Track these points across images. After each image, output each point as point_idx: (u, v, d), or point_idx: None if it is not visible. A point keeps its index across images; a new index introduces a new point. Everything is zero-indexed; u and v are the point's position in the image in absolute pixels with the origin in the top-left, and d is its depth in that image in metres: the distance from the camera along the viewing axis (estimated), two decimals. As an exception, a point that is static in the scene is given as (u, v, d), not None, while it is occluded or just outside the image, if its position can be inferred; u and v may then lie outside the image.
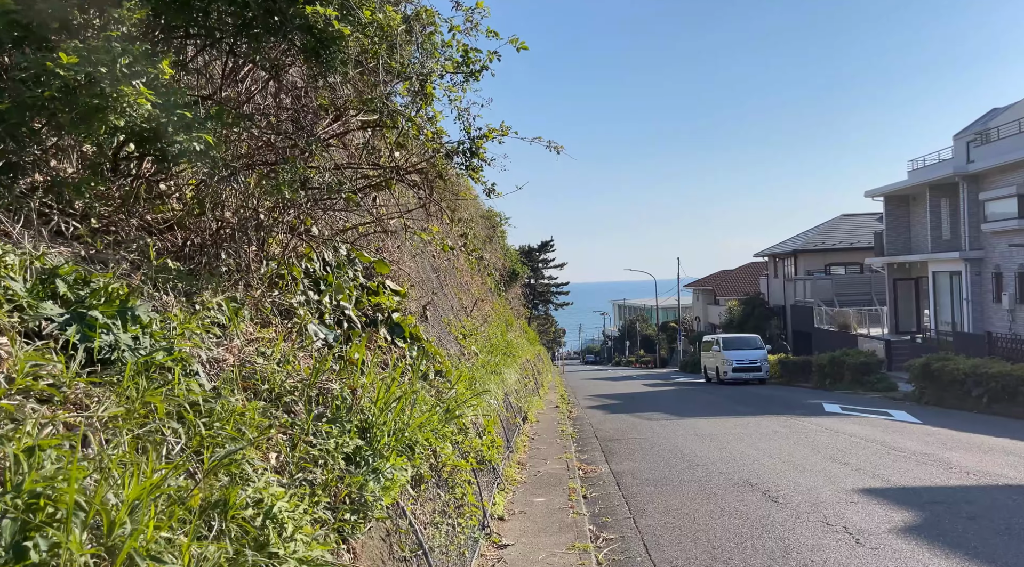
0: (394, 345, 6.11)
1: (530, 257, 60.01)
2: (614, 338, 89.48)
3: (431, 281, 10.57)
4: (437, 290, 11.10)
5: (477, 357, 9.87)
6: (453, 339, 9.23)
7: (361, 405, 3.32)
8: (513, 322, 24.14)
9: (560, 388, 28.70)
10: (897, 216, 32.00)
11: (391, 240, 8.02)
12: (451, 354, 8.03)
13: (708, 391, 24.75)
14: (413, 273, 9.08)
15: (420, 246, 10.46)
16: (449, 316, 10.52)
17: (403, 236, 9.24)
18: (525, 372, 18.48)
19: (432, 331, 7.94)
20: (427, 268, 10.72)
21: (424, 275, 10.26)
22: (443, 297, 11.10)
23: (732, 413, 16.07)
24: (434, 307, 9.78)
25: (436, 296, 10.77)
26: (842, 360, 23.28)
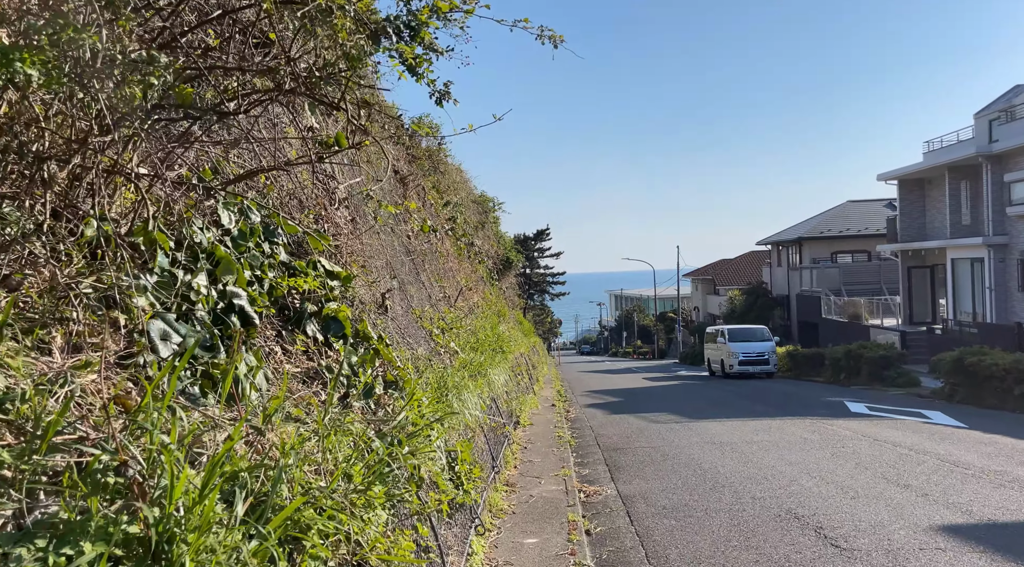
0: (327, 348, 4.42)
1: (525, 246, 58.31)
2: (611, 328, 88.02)
3: (403, 266, 8.87)
4: (411, 277, 9.41)
5: (457, 356, 8.18)
6: (427, 335, 7.53)
7: (155, 496, 1.63)
8: (506, 313, 22.44)
9: (556, 382, 27.07)
10: (912, 201, 30.35)
11: (343, 210, 6.32)
12: (418, 355, 6.34)
13: (715, 386, 23.13)
14: (376, 254, 7.38)
15: (389, 223, 8.75)
16: (425, 307, 8.82)
17: (366, 208, 7.53)
18: (518, 368, 16.82)
19: (395, 326, 6.25)
20: (398, 250, 9.02)
21: (394, 258, 8.57)
22: (419, 285, 9.40)
23: (748, 414, 14.42)
24: (404, 296, 8.09)
25: (409, 284, 9.09)
26: (859, 353, 21.66)
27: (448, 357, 7.93)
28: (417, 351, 6.38)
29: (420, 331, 7.36)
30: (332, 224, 5.64)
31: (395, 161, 12.26)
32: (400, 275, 8.46)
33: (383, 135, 10.75)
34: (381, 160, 10.57)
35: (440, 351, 7.64)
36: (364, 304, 5.56)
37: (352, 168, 7.83)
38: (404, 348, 6.02)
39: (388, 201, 10.08)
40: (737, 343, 27.88)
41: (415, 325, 7.32)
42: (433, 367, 6.38)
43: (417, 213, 11.88)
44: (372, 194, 7.74)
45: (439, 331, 8.15)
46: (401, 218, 10.31)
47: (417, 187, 12.86)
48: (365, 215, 7.41)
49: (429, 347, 7.21)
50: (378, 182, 9.47)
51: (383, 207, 7.87)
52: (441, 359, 7.51)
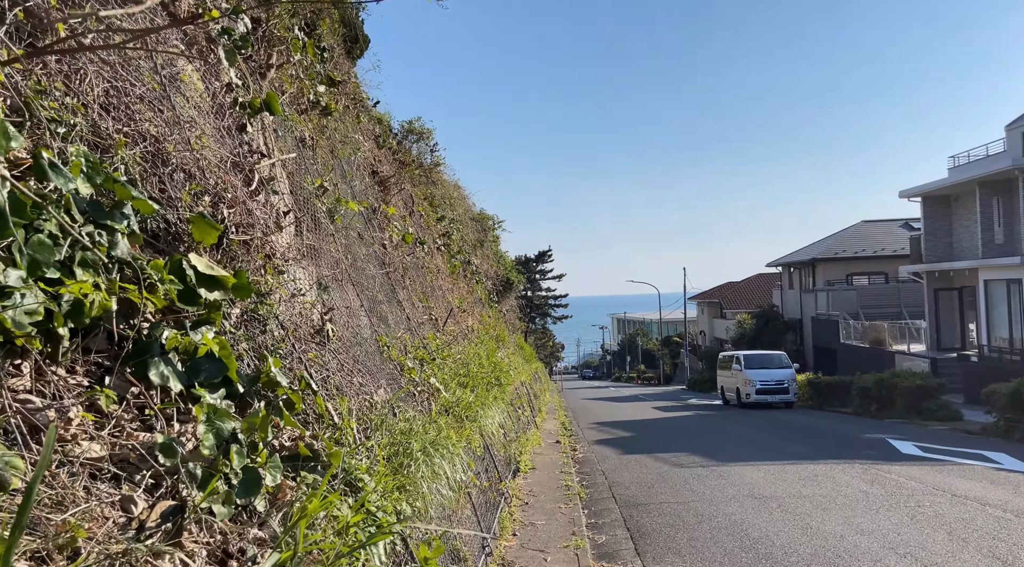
0: (187, 402, 2.59)
1: (527, 268, 56.62)
2: (613, 352, 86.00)
3: (373, 280, 7.05)
4: (386, 294, 7.59)
5: (439, 395, 6.33)
6: (394, 370, 5.68)
7: None
8: (506, 338, 20.57)
9: (560, 412, 25.13)
10: (937, 218, 28.56)
11: (271, 198, 4.52)
12: (377, 402, 4.49)
13: (734, 419, 21.18)
14: (328, 263, 5.57)
15: (355, 226, 6.93)
16: (401, 332, 6.99)
17: (317, 204, 5.73)
18: (518, 401, 14.93)
19: (343, 360, 4.42)
20: (368, 261, 7.21)
21: (358, 270, 6.76)
22: (394, 306, 7.57)
23: (783, 455, 12.50)
24: (374, 318, 6.27)
25: (382, 303, 7.27)
26: (892, 383, 19.74)
27: (427, 398, 6.09)
28: (375, 396, 4.53)
29: (385, 365, 5.51)
30: (245, 212, 3.83)
31: (374, 160, 10.50)
32: (368, 292, 6.64)
33: (355, 120, 9.01)
34: (359, 156, 8.81)
35: (416, 391, 5.79)
36: (288, 330, 3.74)
37: (303, 152, 6.05)
38: (354, 393, 4.18)
39: (359, 195, 8.29)
40: (754, 370, 25.97)
41: (377, 355, 5.48)
42: (399, 418, 4.54)
43: (400, 221, 10.09)
44: (329, 187, 5.94)
45: (416, 363, 6.30)
46: (377, 224, 8.52)
47: (401, 192, 11.08)
48: (315, 211, 5.61)
49: (397, 386, 5.36)
50: (346, 178, 7.70)
51: (343, 203, 6.07)
52: (416, 402, 5.67)
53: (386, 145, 13.17)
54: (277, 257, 4.01)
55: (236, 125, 4.45)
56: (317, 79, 6.83)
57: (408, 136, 15.96)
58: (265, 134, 5.00)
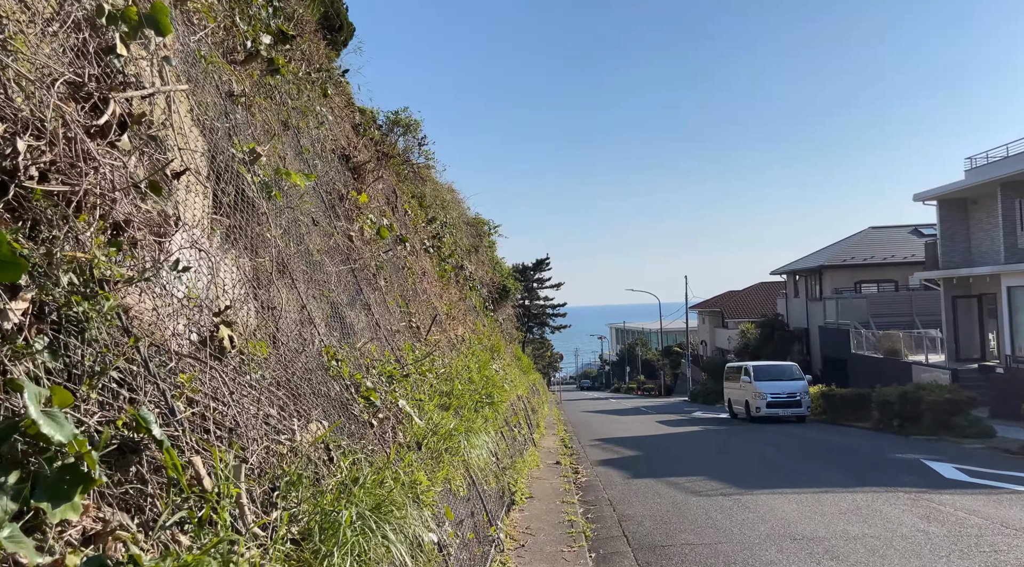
0: None
1: (524, 276, 55.26)
2: (612, 363, 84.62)
3: (331, 277, 5.67)
4: (351, 295, 6.21)
5: (410, 422, 4.94)
6: (344, 392, 4.28)
7: None
8: (501, 348, 19.15)
9: (559, 427, 23.70)
10: (954, 222, 27.26)
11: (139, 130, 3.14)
12: (294, 446, 3.09)
13: (746, 435, 19.76)
14: (257, 250, 4.20)
15: (303, 207, 5.55)
16: (365, 342, 5.61)
17: (243, 171, 4.35)
18: (515, 417, 13.52)
19: (241, 382, 3.04)
20: (328, 255, 5.83)
21: (313, 264, 5.38)
22: (359, 309, 6.18)
23: (813, 481, 11.09)
24: (332, 323, 4.89)
25: (346, 306, 5.90)
26: (917, 396, 18.34)
27: (392, 428, 4.69)
28: (300, 434, 3.13)
29: (335, 386, 4.12)
30: (76, 156, 2.43)
31: (349, 146, 9.14)
32: (321, 290, 5.26)
33: (320, 92, 7.64)
34: (325, 136, 7.43)
35: (376, 419, 4.39)
36: (143, 337, 2.35)
37: (233, 109, 4.67)
38: (257, 435, 2.79)
39: (324, 187, 6.92)
40: (764, 382, 24.56)
41: (323, 375, 4.08)
42: (335, 467, 3.14)
43: (377, 214, 8.72)
44: (265, 155, 4.55)
45: (380, 382, 4.91)
46: (343, 213, 7.14)
47: (381, 182, 9.71)
48: (240, 183, 4.23)
49: (345, 415, 3.96)
50: (303, 156, 6.31)
51: (285, 176, 4.69)
52: (376, 436, 4.28)
53: (367, 134, 11.82)
54: (138, 228, 2.62)
55: (102, 46, 3.08)
56: (260, 27, 5.47)
57: (394, 128, 14.60)
58: (161, 71, 3.62)
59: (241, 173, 4.22)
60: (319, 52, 8.65)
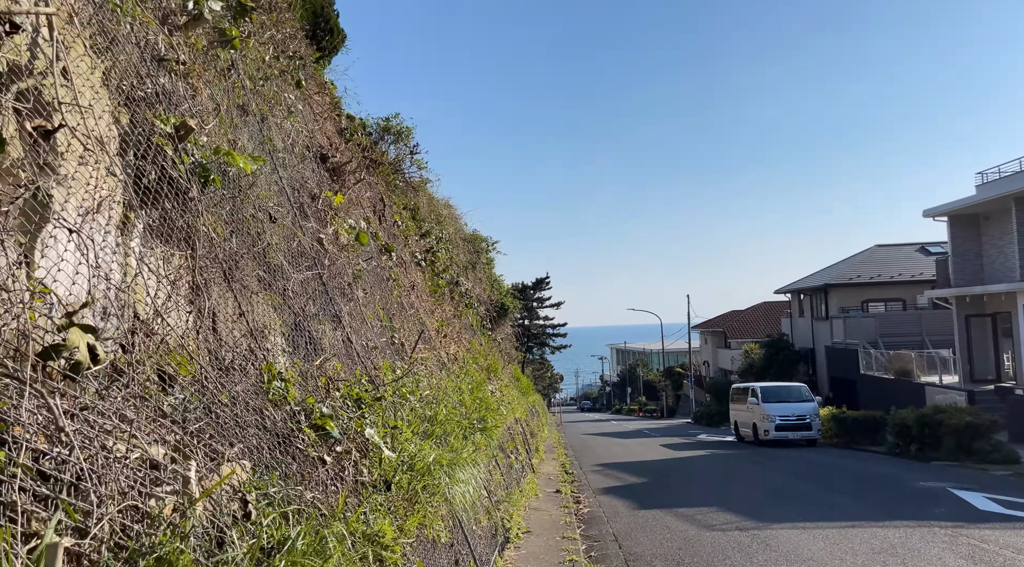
0: None
1: (524, 295, 54.38)
2: (613, 384, 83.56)
3: (291, 283, 4.84)
4: (321, 306, 5.38)
5: (379, 456, 4.09)
6: (287, 421, 3.42)
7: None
8: (499, 368, 18.25)
9: (559, 451, 22.76)
10: (966, 239, 26.46)
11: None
12: (188, 495, 2.26)
13: (756, 460, 18.81)
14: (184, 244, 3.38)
15: (263, 201, 4.73)
16: (327, 360, 4.77)
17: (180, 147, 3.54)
18: (511, 443, 12.64)
19: (110, 409, 2.21)
20: (291, 258, 5.00)
21: (271, 269, 4.56)
22: (328, 322, 5.35)
23: (837, 513, 10.18)
24: (293, 336, 4.07)
25: (314, 318, 5.08)
26: (937, 419, 17.41)
27: (353, 465, 3.83)
28: (196, 485, 2.28)
29: (276, 414, 3.27)
30: None
31: (329, 146, 8.35)
32: (281, 297, 4.43)
33: (291, 80, 6.86)
34: (296, 130, 6.64)
35: (328, 457, 3.53)
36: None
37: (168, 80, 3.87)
38: (113, 489, 1.95)
39: (292, 184, 6.11)
40: (772, 404, 23.63)
41: (263, 399, 3.24)
42: (256, 521, 2.29)
43: (357, 219, 7.90)
44: (195, 126, 3.74)
45: (340, 409, 4.06)
46: (314, 214, 6.33)
47: (362, 186, 8.91)
48: (164, 161, 3.42)
49: (284, 452, 3.12)
50: (265, 147, 5.51)
51: (226, 156, 3.88)
52: (329, 476, 3.42)
53: (353, 139, 11.06)
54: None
55: None
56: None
57: (384, 136, 13.85)
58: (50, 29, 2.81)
59: (165, 150, 3.41)
60: (296, 41, 7.88)
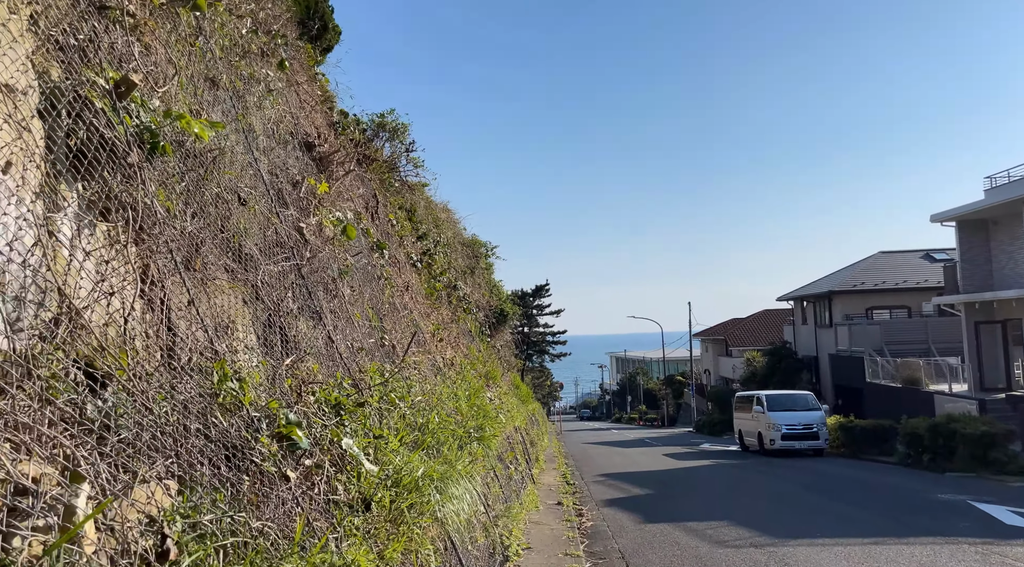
0: None
1: (524, 303, 53.81)
2: (613, 392, 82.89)
3: (263, 273, 4.30)
4: (301, 302, 4.84)
5: (358, 470, 3.54)
6: (241, 432, 2.87)
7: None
8: (498, 375, 17.69)
9: (560, 460, 22.17)
10: (974, 245, 25.93)
11: None
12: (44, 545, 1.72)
13: (764, 470, 18.21)
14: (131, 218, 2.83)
15: (226, 178, 4.19)
16: (293, 359, 4.22)
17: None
18: (511, 453, 12.06)
19: None
20: (264, 247, 4.46)
21: (240, 256, 4.02)
22: (306, 319, 4.80)
23: (855, 527, 9.60)
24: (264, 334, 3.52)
25: (294, 315, 4.55)
26: (950, 429, 16.85)
27: (330, 480, 3.27)
28: (78, 518, 1.74)
29: (225, 422, 2.72)
30: None
31: (318, 135, 7.81)
32: (246, 287, 3.90)
33: (270, 56, 6.34)
34: (277, 114, 6.11)
35: (292, 472, 2.97)
36: None
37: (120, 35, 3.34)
38: None
39: (269, 166, 5.57)
40: (778, 412, 23.04)
41: (215, 403, 2.68)
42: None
43: (345, 212, 7.35)
44: (138, 81, 3.20)
45: (313, 415, 3.50)
46: (295, 202, 5.79)
47: (349, 177, 8.37)
48: (99, 124, 2.87)
49: (232, 468, 2.56)
50: (238, 124, 4.97)
51: (183, 123, 3.33)
52: (293, 497, 2.86)
53: (345, 133, 10.55)
54: None
55: None
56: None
57: (379, 133, 13.32)
58: None
59: (99, 107, 2.86)
60: (281, 23, 7.35)
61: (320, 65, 11.24)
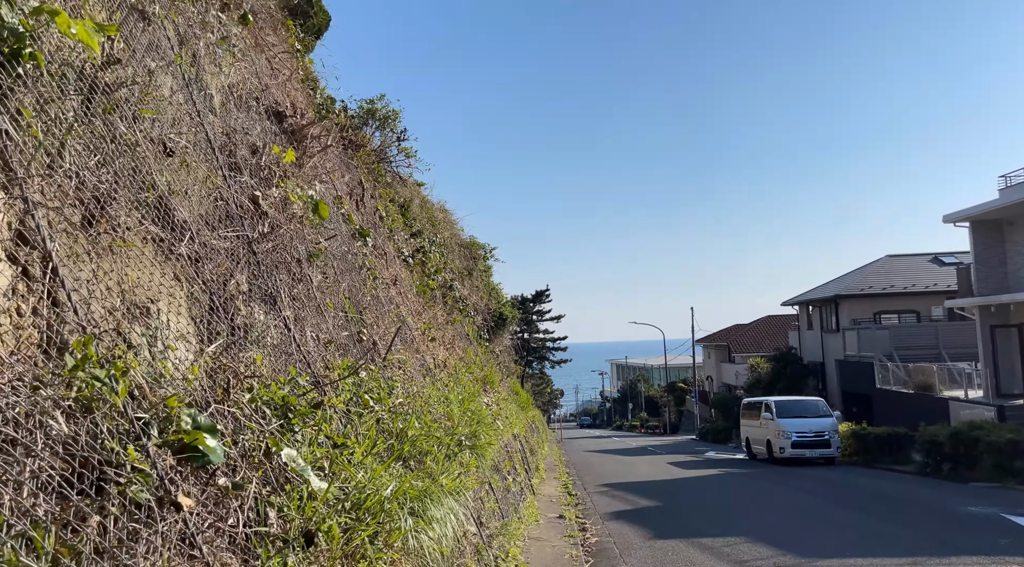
0: None
1: (524, 308, 52.93)
2: (614, 399, 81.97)
3: (200, 244, 3.47)
4: (252, 282, 4.01)
5: (304, 491, 2.71)
6: (63, 449, 2.03)
7: None
8: (496, 380, 16.82)
9: (561, 469, 21.29)
10: (989, 246, 25.10)
11: None
12: None
13: (776, 479, 17.33)
14: None
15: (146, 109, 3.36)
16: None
17: None
18: (508, 462, 11.19)
19: None
20: (210, 213, 3.64)
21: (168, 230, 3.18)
22: (255, 304, 3.97)
23: (888, 545, 8.74)
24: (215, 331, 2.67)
25: (250, 300, 3.71)
26: (973, 436, 15.99)
27: (257, 507, 2.42)
28: None
29: (57, 429, 1.88)
30: None
31: (285, 102, 6.99)
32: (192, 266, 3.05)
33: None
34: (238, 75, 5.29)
35: (184, 499, 2.13)
36: None
37: None
38: None
39: (228, 127, 4.75)
40: (788, 419, 22.15)
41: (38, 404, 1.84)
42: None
43: (323, 193, 6.52)
44: None
45: (241, 419, 2.66)
46: (254, 170, 4.96)
47: (328, 157, 7.54)
48: None
49: (77, 493, 1.73)
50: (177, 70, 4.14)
51: (59, 23, 2.49)
52: (176, 535, 2.01)
53: (328, 117, 9.72)
54: None
55: None
56: None
57: (368, 121, 12.51)
58: None
59: None
60: None
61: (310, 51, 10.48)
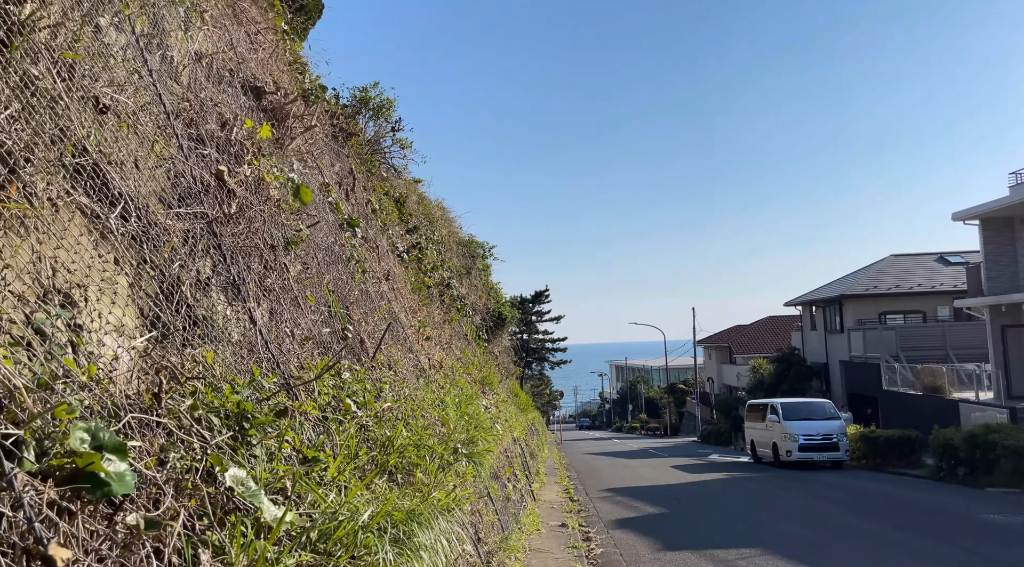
0: None
1: (523, 309, 52.38)
2: (613, 401, 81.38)
3: (150, 223, 2.89)
4: (218, 267, 3.42)
5: (257, 524, 2.15)
6: None
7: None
8: (495, 382, 16.25)
9: (561, 473, 20.70)
10: (1000, 244, 24.54)
11: None
12: None
13: (785, 484, 16.75)
14: None
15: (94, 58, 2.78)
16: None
17: None
18: (508, 468, 10.61)
19: None
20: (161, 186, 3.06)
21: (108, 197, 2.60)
22: (217, 294, 3.40)
23: (917, 559, 8.17)
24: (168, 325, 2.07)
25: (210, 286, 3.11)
26: (990, 440, 15.41)
27: (185, 549, 1.84)
28: None
29: None
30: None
31: (265, 75, 6.42)
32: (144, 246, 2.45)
33: None
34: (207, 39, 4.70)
35: (61, 551, 1.55)
36: None
37: None
38: None
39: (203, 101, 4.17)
40: (795, 422, 21.56)
41: None
42: None
43: (307, 178, 5.95)
44: None
45: (178, 432, 2.08)
46: (221, 145, 4.38)
47: (312, 139, 6.97)
48: None
49: None
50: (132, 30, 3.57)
51: None
52: None
53: (318, 104, 9.15)
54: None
55: None
56: None
57: (362, 110, 11.96)
58: None
59: None
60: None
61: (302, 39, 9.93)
